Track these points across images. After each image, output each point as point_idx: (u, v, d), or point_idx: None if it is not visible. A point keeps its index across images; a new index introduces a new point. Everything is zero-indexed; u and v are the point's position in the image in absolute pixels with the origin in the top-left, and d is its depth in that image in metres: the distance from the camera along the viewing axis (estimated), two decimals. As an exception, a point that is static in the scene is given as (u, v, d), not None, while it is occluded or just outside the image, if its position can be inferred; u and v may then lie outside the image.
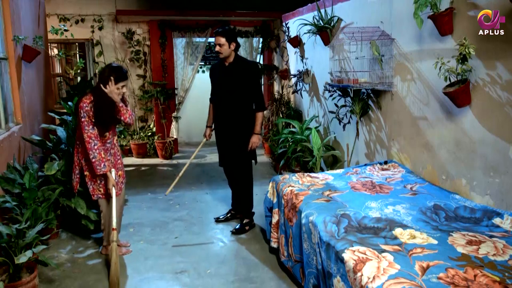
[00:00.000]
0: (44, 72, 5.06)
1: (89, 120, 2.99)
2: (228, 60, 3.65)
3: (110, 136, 3.20)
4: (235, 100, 3.69)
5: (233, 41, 3.58)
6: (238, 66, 3.67)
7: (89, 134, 2.99)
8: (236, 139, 3.75)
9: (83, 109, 2.97)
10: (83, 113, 2.98)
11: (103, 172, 3.06)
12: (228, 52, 3.59)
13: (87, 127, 2.99)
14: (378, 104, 3.83)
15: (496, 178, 2.58)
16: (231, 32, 3.60)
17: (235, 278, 3.02)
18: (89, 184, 3.21)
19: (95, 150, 3.01)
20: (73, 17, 6.62)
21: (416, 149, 3.34)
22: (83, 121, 2.98)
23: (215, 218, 4.14)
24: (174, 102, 7.05)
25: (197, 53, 7.21)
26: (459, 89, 2.64)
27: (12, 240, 2.62)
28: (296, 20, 5.68)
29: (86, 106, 2.98)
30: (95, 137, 3.01)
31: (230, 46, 3.57)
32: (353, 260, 2.04)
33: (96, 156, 3.01)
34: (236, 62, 3.67)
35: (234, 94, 3.68)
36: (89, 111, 2.98)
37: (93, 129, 3.00)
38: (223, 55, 3.59)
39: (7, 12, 3.71)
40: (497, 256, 2.04)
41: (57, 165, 3.55)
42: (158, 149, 6.85)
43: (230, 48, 3.58)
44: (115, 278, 2.86)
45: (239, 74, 3.65)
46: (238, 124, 3.73)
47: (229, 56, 3.62)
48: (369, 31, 3.63)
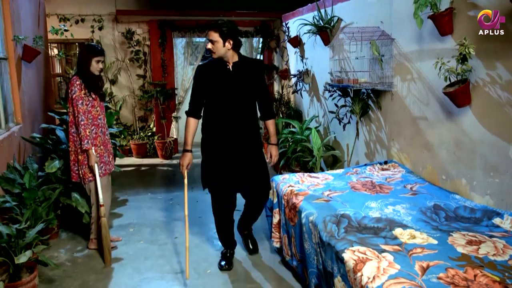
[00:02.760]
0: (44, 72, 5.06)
1: (79, 94, 3.20)
2: (230, 61, 2.94)
3: (100, 113, 3.38)
4: (244, 109, 3.01)
5: (229, 38, 2.84)
6: (244, 68, 2.98)
7: (78, 109, 3.19)
8: (250, 156, 3.06)
9: (73, 85, 3.20)
10: (74, 88, 3.20)
11: (86, 148, 3.19)
12: (223, 52, 2.87)
13: (77, 102, 3.19)
14: (378, 104, 3.83)
15: (496, 178, 2.58)
16: (227, 27, 2.85)
17: (235, 278, 3.02)
18: (82, 167, 3.29)
19: (81, 126, 3.18)
20: (73, 17, 6.63)
21: (416, 149, 3.34)
22: (74, 97, 3.19)
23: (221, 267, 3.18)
24: (174, 102, 7.06)
25: (197, 53, 7.21)
26: (459, 89, 2.65)
27: (12, 240, 2.62)
28: (296, 20, 5.68)
29: (76, 80, 3.22)
30: (83, 112, 3.20)
31: (225, 43, 2.84)
32: (353, 260, 2.04)
33: (81, 132, 3.18)
34: (241, 63, 2.98)
35: (243, 103, 3.00)
36: (80, 85, 3.23)
37: (82, 104, 3.20)
38: (216, 54, 2.89)
39: (7, 12, 3.71)
40: (497, 256, 2.04)
41: (58, 163, 3.55)
42: (158, 149, 6.85)
43: (225, 46, 2.85)
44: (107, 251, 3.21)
45: (246, 77, 2.98)
46: (250, 138, 3.07)
47: (226, 56, 2.90)
48: (369, 31, 3.63)
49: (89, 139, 3.20)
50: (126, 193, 5.02)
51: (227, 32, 2.83)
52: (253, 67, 3.02)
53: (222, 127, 3.01)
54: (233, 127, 2.99)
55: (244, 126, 3.03)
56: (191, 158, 3.07)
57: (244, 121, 3.02)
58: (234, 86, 2.95)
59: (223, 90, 2.96)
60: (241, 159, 3.02)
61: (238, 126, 3.00)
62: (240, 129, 3.01)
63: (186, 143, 3.07)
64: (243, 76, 2.97)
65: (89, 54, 3.28)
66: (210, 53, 2.92)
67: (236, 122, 2.99)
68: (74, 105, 3.20)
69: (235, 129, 3.00)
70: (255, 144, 3.10)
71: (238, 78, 2.96)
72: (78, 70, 3.30)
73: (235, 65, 2.96)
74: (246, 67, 2.98)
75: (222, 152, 3.02)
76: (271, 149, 3.19)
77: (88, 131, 3.20)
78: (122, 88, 7.09)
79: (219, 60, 2.94)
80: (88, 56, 3.27)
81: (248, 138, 3.05)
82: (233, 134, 3.00)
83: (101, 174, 3.33)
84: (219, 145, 3.02)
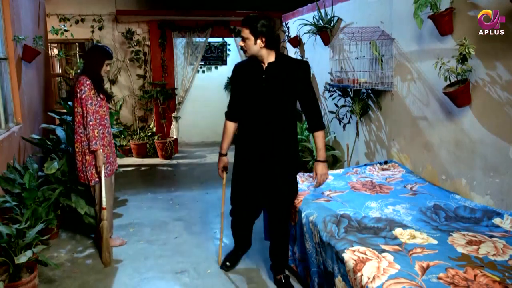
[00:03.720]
0: (44, 72, 5.06)
1: (89, 94, 3.16)
2: (265, 61, 2.59)
3: (106, 113, 3.38)
4: (280, 117, 2.62)
5: (262, 35, 2.50)
6: (282, 69, 2.59)
7: (87, 109, 3.15)
8: (282, 169, 2.69)
9: (83, 84, 3.15)
10: (84, 88, 3.15)
11: (94, 149, 3.17)
12: (255, 50, 2.55)
13: (87, 102, 3.15)
14: (378, 104, 3.83)
15: (496, 178, 2.58)
16: (259, 22, 2.50)
17: (235, 278, 3.02)
18: (88, 168, 3.27)
19: (90, 126, 3.16)
20: (73, 17, 6.62)
21: (416, 149, 3.34)
22: (84, 97, 3.15)
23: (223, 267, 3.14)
24: (174, 102, 7.06)
25: (197, 53, 7.21)
26: (459, 89, 2.65)
27: (12, 240, 2.62)
28: (296, 20, 5.68)
29: (86, 80, 3.17)
30: (92, 113, 3.17)
31: (257, 41, 2.52)
32: (353, 260, 2.04)
33: (89, 132, 3.16)
34: (279, 63, 2.60)
35: (278, 109, 2.61)
36: (90, 85, 3.19)
37: (91, 104, 3.17)
38: (248, 53, 2.60)
39: (7, 12, 3.71)
40: (497, 256, 2.04)
41: (57, 163, 3.55)
42: (158, 149, 6.85)
43: (257, 44, 2.53)
44: (107, 253, 3.20)
45: (283, 79, 2.59)
46: (285, 149, 2.67)
47: (260, 55, 2.57)
48: (369, 31, 3.63)
49: (97, 139, 3.18)
50: (126, 193, 5.02)
51: (260, 28, 2.50)
52: (293, 68, 2.60)
53: (253, 135, 2.69)
54: (265, 137, 2.65)
55: (278, 137, 2.63)
56: (226, 162, 2.91)
57: (278, 131, 2.63)
58: (267, 89, 2.60)
59: (255, 93, 2.64)
60: (273, 171, 2.68)
61: (270, 135, 2.63)
62: (273, 140, 2.63)
63: (221, 147, 2.88)
64: (279, 78, 2.58)
65: (104, 56, 3.29)
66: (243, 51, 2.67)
67: (268, 130, 2.62)
68: (83, 105, 3.16)
69: (267, 139, 2.64)
70: (291, 158, 2.69)
71: (273, 80, 2.59)
72: (87, 70, 3.26)
73: (271, 65, 2.60)
74: (285, 68, 2.60)
75: (252, 163, 2.73)
76: (317, 167, 2.69)
77: (96, 132, 3.19)
78: (122, 88, 7.09)
79: (254, 59, 2.63)
80: (102, 58, 3.28)
81: (285, 150, 2.66)
82: (264, 145, 2.66)
83: (107, 174, 3.32)
84: (250, 155, 2.72)
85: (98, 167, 3.23)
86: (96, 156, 3.20)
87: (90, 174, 3.27)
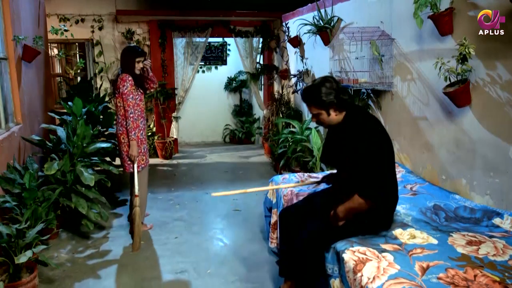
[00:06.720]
0: (44, 72, 5.06)
1: (130, 89, 3.48)
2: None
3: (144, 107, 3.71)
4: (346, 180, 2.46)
5: (331, 106, 2.26)
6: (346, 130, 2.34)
7: (128, 103, 3.48)
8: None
9: (126, 81, 3.47)
10: (126, 84, 3.47)
11: (132, 139, 3.51)
12: (335, 120, 2.32)
13: (128, 96, 3.47)
14: (378, 104, 3.83)
15: (496, 178, 2.58)
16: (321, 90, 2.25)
17: (235, 278, 3.02)
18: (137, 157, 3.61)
19: (130, 118, 3.49)
20: (73, 17, 6.62)
21: (416, 149, 3.34)
22: (126, 92, 3.46)
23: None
24: (174, 102, 7.05)
25: (197, 53, 7.21)
26: (459, 89, 2.64)
27: (12, 240, 2.62)
28: (296, 20, 5.68)
29: (128, 77, 3.49)
30: (133, 106, 3.50)
31: (330, 112, 2.28)
32: (353, 260, 2.04)
33: (129, 124, 3.49)
34: (343, 125, 2.35)
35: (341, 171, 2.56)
36: (131, 81, 3.51)
37: (132, 98, 3.49)
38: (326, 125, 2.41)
39: (7, 12, 3.70)
40: (497, 256, 2.04)
41: (57, 164, 3.55)
42: (158, 149, 6.85)
43: (331, 115, 2.29)
44: (138, 238, 3.48)
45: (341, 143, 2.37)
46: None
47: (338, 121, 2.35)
48: (369, 31, 3.63)
49: (136, 131, 3.52)
50: (126, 193, 5.01)
51: (326, 99, 2.25)
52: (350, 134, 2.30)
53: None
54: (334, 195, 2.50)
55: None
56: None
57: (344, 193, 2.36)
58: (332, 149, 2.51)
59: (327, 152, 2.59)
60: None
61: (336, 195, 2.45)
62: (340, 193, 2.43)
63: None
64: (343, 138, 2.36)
65: (133, 55, 3.57)
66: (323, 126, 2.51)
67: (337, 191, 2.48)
68: (124, 99, 3.47)
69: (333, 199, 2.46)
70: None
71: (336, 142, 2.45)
72: (124, 69, 3.56)
73: (337, 126, 2.38)
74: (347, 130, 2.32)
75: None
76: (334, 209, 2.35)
77: (135, 124, 3.52)
78: (122, 88, 7.08)
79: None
80: (132, 56, 3.57)
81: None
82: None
83: (144, 164, 3.69)
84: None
85: (133, 156, 3.54)
86: (132, 146, 3.53)
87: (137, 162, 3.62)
